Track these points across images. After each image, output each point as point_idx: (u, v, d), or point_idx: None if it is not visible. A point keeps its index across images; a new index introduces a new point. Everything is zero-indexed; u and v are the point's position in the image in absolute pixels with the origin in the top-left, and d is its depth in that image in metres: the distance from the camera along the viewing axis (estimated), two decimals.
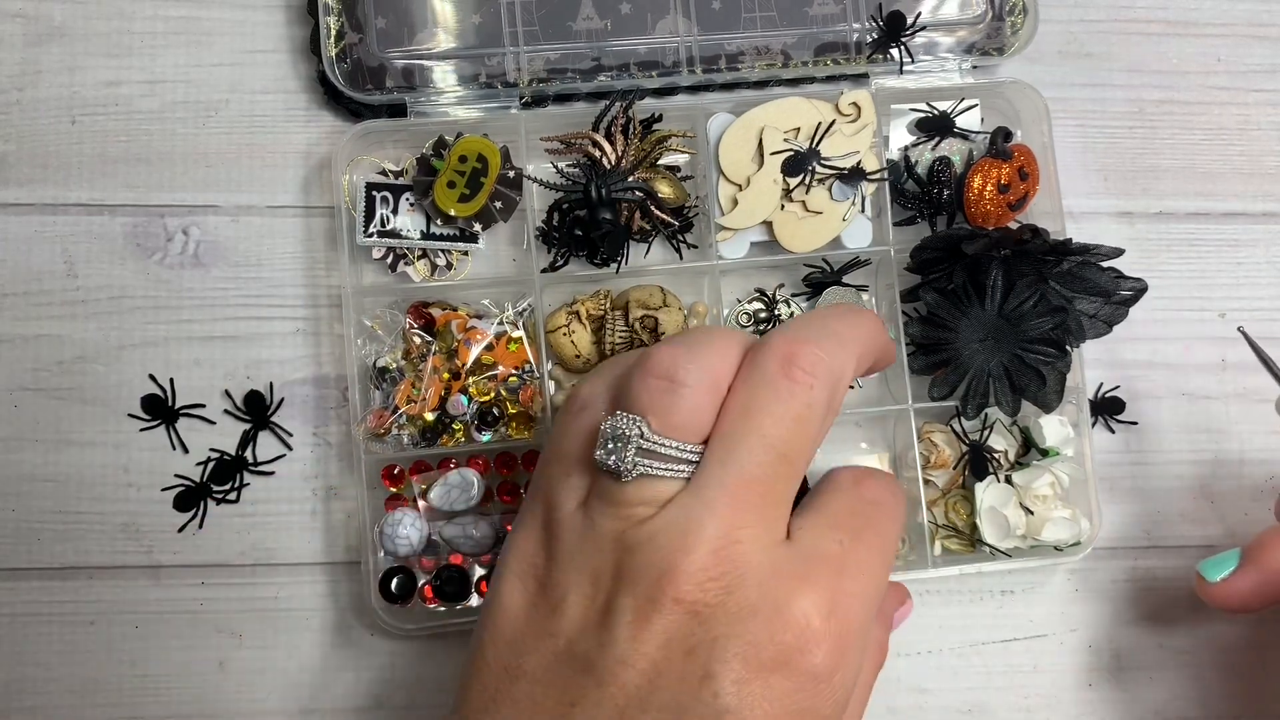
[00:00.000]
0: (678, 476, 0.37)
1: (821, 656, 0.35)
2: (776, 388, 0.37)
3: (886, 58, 0.55)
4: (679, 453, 0.37)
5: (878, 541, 0.38)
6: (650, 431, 0.36)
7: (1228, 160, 0.58)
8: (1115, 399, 0.56)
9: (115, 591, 0.53)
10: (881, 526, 0.39)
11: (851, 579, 0.36)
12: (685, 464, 0.37)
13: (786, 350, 0.38)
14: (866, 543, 0.38)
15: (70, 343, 0.54)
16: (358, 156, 0.54)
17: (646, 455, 0.36)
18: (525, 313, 0.53)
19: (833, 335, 0.39)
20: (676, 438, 0.37)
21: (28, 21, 0.56)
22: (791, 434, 0.37)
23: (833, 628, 0.35)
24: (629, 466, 0.36)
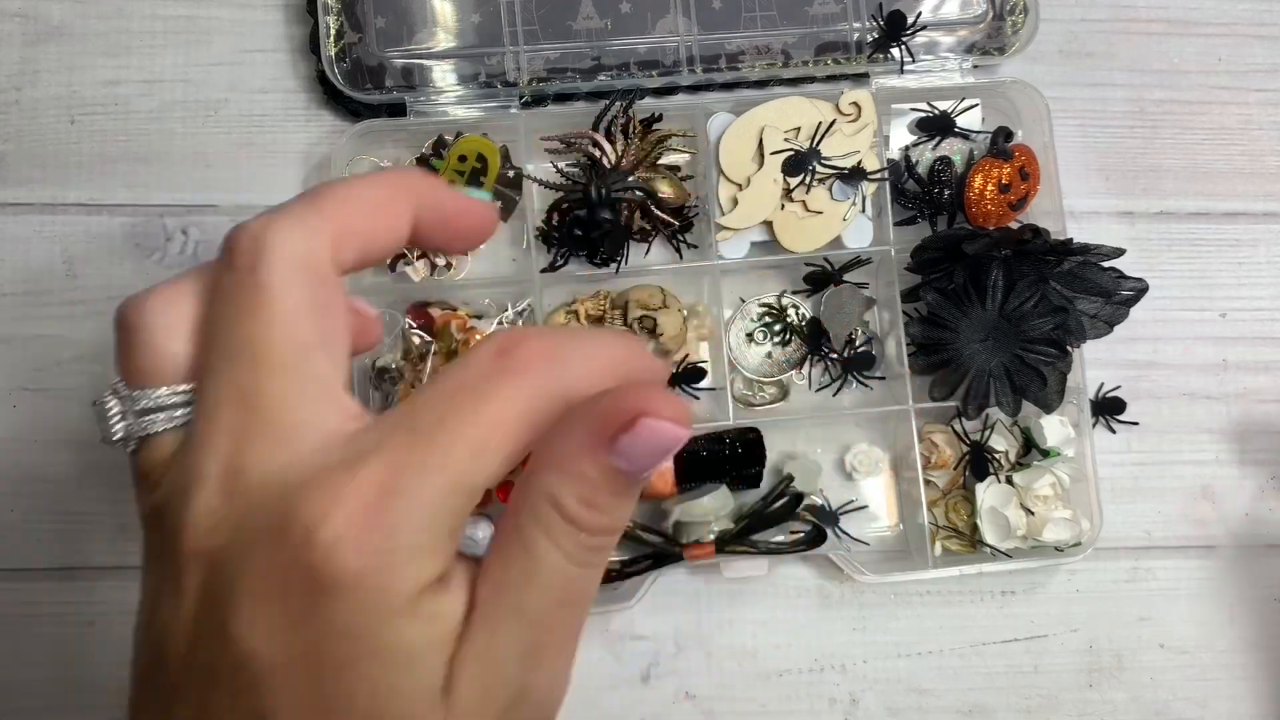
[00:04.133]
0: (175, 422, 0.31)
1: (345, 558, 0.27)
2: (225, 289, 0.31)
3: (887, 57, 0.55)
4: (160, 400, 0.31)
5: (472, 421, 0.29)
6: (124, 388, 0.31)
7: (1229, 160, 0.58)
8: (1116, 399, 0.56)
9: (115, 591, 0.53)
10: (493, 407, 0.29)
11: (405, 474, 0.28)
12: (174, 408, 0.31)
13: (229, 238, 0.31)
14: (454, 424, 0.29)
15: (70, 343, 0.54)
16: (357, 156, 0.54)
17: (134, 415, 0.31)
18: (525, 313, 0.53)
19: (298, 201, 0.32)
20: (154, 384, 0.31)
21: (27, 21, 0.56)
22: (258, 330, 0.30)
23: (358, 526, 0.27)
24: (118, 435, 0.31)
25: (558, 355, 0.30)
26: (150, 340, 0.31)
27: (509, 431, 0.29)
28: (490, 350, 0.30)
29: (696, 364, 0.54)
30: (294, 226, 0.31)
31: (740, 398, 0.55)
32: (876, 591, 0.54)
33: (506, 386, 0.29)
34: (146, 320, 0.31)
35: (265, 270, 0.30)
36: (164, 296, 0.31)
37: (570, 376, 0.30)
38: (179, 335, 0.31)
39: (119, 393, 0.32)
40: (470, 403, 0.29)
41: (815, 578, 0.54)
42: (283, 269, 0.30)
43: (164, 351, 0.31)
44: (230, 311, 0.30)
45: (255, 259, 0.30)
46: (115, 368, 0.32)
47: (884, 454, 0.55)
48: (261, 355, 0.30)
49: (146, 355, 0.31)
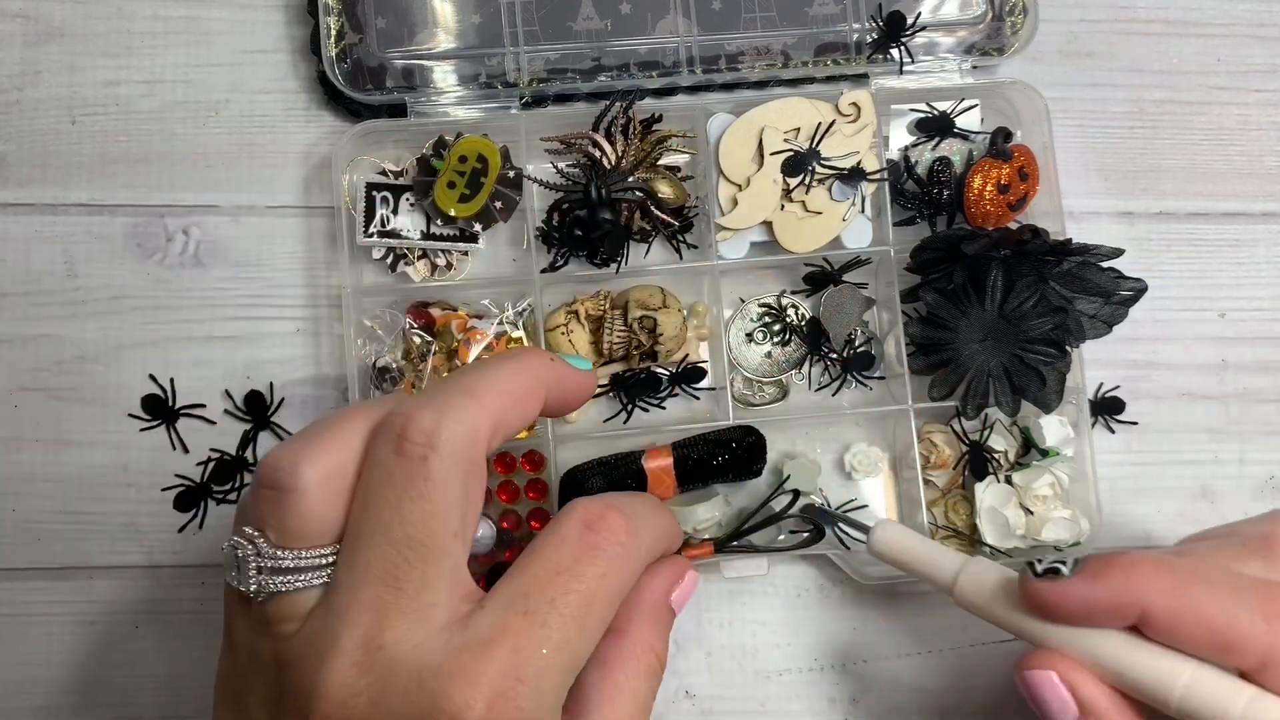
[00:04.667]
0: (313, 585, 0.34)
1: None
2: (390, 471, 0.33)
3: (886, 58, 0.55)
4: (303, 562, 0.34)
5: (578, 605, 0.34)
6: (268, 546, 0.34)
7: (1228, 160, 0.58)
8: (1115, 399, 0.56)
9: (115, 591, 0.53)
10: (593, 585, 0.34)
11: (527, 658, 0.32)
12: (316, 570, 0.34)
13: (399, 425, 0.34)
14: (563, 610, 0.33)
15: (70, 343, 0.54)
16: (358, 156, 0.54)
17: (269, 573, 0.34)
18: (525, 313, 0.53)
19: (460, 393, 0.35)
20: (298, 546, 0.34)
21: (28, 21, 0.56)
22: (417, 517, 0.33)
23: (498, 713, 0.31)
24: (253, 587, 0.34)
25: (635, 528, 0.36)
26: (303, 506, 0.34)
27: (608, 603, 0.35)
28: (576, 526, 0.35)
29: (696, 364, 0.54)
30: (462, 422, 0.34)
31: (740, 398, 0.55)
32: (876, 591, 0.54)
33: (599, 563, 0.35)
34: (302, 484, 0.34)
35: (436, 464, 0.33)
36: (320, 464, 0.34)
37: (644, 546, 0.36)
38: (331, 502, 0.34)
39: (257, 547, 0.34)
40: (571, 582, 0.34)
41: (815, 578, 0.54)
42: (450, 464, 0.34)
43: (316, 518, 0.34)
44: (392, 495, 0.33)
45: (428, 451, 0.33)
46: (248, 514, 0.35)
47: (883, 453, 0.55)
48: (415, 540, 0.33)
49: (297, 519, 0.34)
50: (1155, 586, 0.37)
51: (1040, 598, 0.38)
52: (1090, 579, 0.38)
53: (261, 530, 0.34)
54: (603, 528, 0.35)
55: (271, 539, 0.34)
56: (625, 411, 0.53)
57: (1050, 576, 0.38)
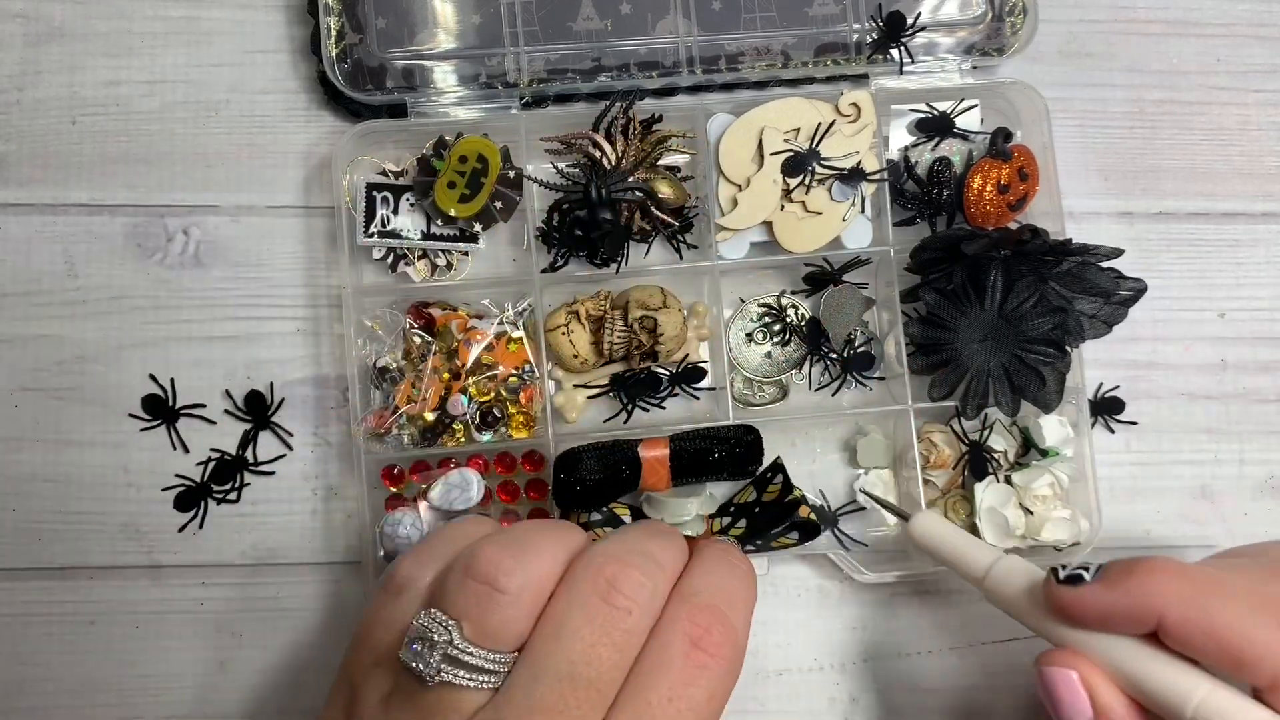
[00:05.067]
0: (484, 687, 0.36)
1: None
2: (592, 613, 0.36)
3: (886, 58, 0.55)
4: (487, 663, 0.36)
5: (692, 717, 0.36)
6: (460, 638, 0.35)
7: (1228, 160, 0.58)
8: (1115, 399, 0.56)
9: (115, 591, 0.53)
10: (700, 705, 0.36)
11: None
12: (493, 674, 0.36)
13: (610, 571, 0.37)
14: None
15: (70, 343, 0.54)
16: (358, 156, 0.54)
17: (453, 663, 0.35)
18: (525, 313, 0.53)
19: (652, 559, 0.38)
20: (488, 646, 0.36)
21: (28, 21, 0.56)
22: (602, 661, 0.35)
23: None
24: (433, 672, 0.35)
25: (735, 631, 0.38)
26: (509, 611, 0.36)
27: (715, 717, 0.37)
28: (683, 645, 0.37)
29: (696, 364, 0.54)
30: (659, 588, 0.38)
31: (740, 397, 0.55)
32: (876, 591, 0.54)
33: (706, 681, 0.36)
34: (515, 589, 0.36)
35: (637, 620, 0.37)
36: (534, 574, 0.36)
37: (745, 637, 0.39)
38: (530, 613, 0.36)
39: (451, 635, 0.35)
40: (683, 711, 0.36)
41: (815, 577, 0.54)
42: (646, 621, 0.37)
43: (515, 624, 0.36)
44: (590, 637, 0.36)
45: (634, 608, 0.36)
46: (448, 601, 0.37)
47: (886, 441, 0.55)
48: (594, 685, 0.35)
49: (499, 622, 0.36)
50: (1174, 594, 0.37)
51: (1062, 602, 0.39)
52: (1110, 585, 0.38)
53: (459, 620, 0.36)
54: (708, 644, 0.37)
55: (466, 632, 0.36)
56: (625, 411, 0.53)
57: (1073, 583, 0.39)
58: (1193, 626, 0.36)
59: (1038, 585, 0.41)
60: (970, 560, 0.43)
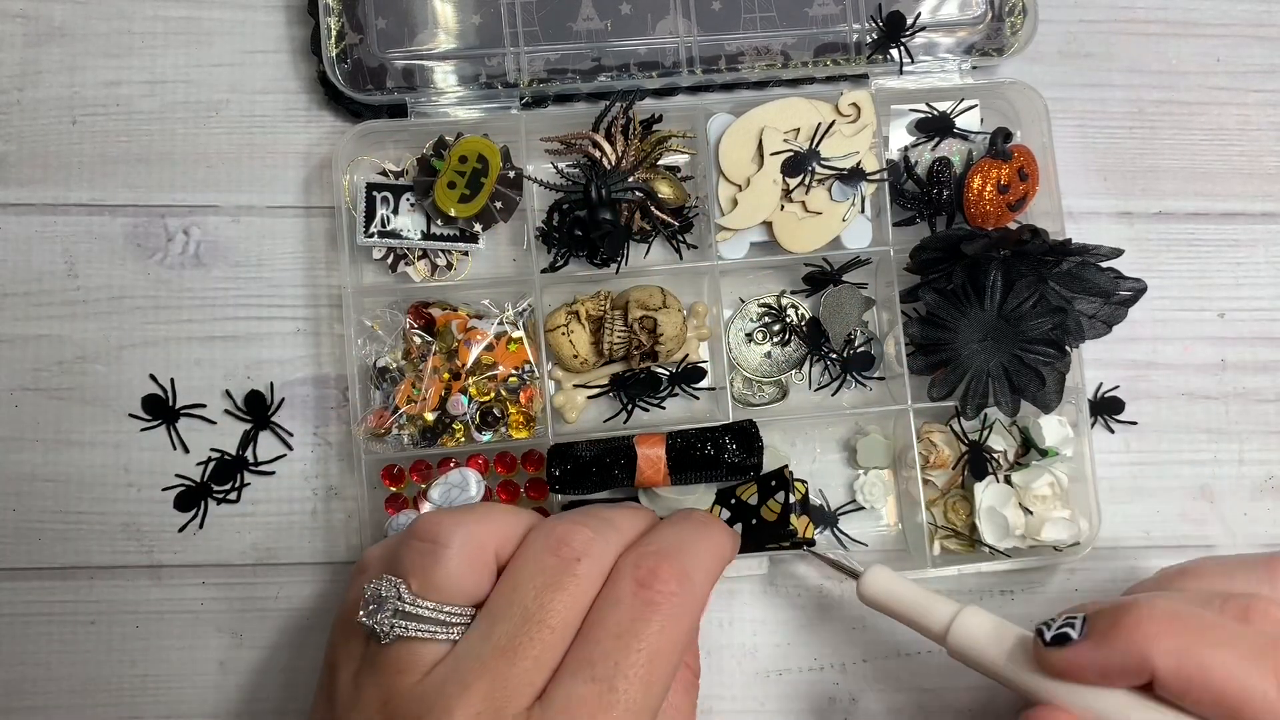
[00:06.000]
0: (440, 638, 0.37)
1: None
2: (543, 565, 0.38)
3: (886, 58, 0.55)
4: (438, 614, 0.37)
5: (644, 665, 0.36)
6: (408, 593, 0.37)
7: (1227, 160, 0.59)
8: (1115, 399, 0.56)
9: (115, 591, 0.53)
10: (653, 642, 0.37)
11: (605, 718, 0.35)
12: (447, 626, 0.37)
13: (561, 531, 0.39)
14: (628, 672, 0.36)
15: (70, 343, 0.54)
16: (358, 156, 0.54)
17: (405, 617, 0.37)
18: (525, 313, 0.53)
19: (608, 522, 0.40)
20: (437, 599, 0.37)
21: (28, 22, 0.56)
22: (554, 604, 0.37)
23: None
24: (386, 628, 0.37)
25: (686, 572, 0.38)
26: (450, 563, 0.37)
27: (672, 656, 0.37)
28: (629, 586, 0.37)
29: (696, 364, 0.54)
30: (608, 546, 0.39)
31: (740, 397, 0.55)
32: None
33: (656, 620, 0.37)
34: (454, 543, 0.38)
35: (585, 567, 0.38)
36: (471, 533, 0.38)
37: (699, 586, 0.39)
38: (472, 568, 0.38)
39: (399, 591, 0.37)
40: (631, 643, 0.36)
41: (815, 578, 0.54)
42: (595, 570, 0.38)
43: (458, 576, 0.38)
44: (541, 583, 0.37)
45: (582, 555, 0.38)
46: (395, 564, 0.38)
47: (887, 440, 0.55)
48: (545, 625, 0.36)
49: (442, 574, 0.37)
50: (1165, 646, 0.36)
51: (1053, 666, 0.38)
52: (1098, 642, 0.37)
53: (405, 578, 0.38)
54: (655, 582, 0.38)
55: (413, 587, 0.37)
56: (625, 411, 0.53)
57: (1060, 643, 0.38)
58: (1188, 680, 0.36)
59: (1004, 634, 0.40)
60: (930, 616, 0.42)
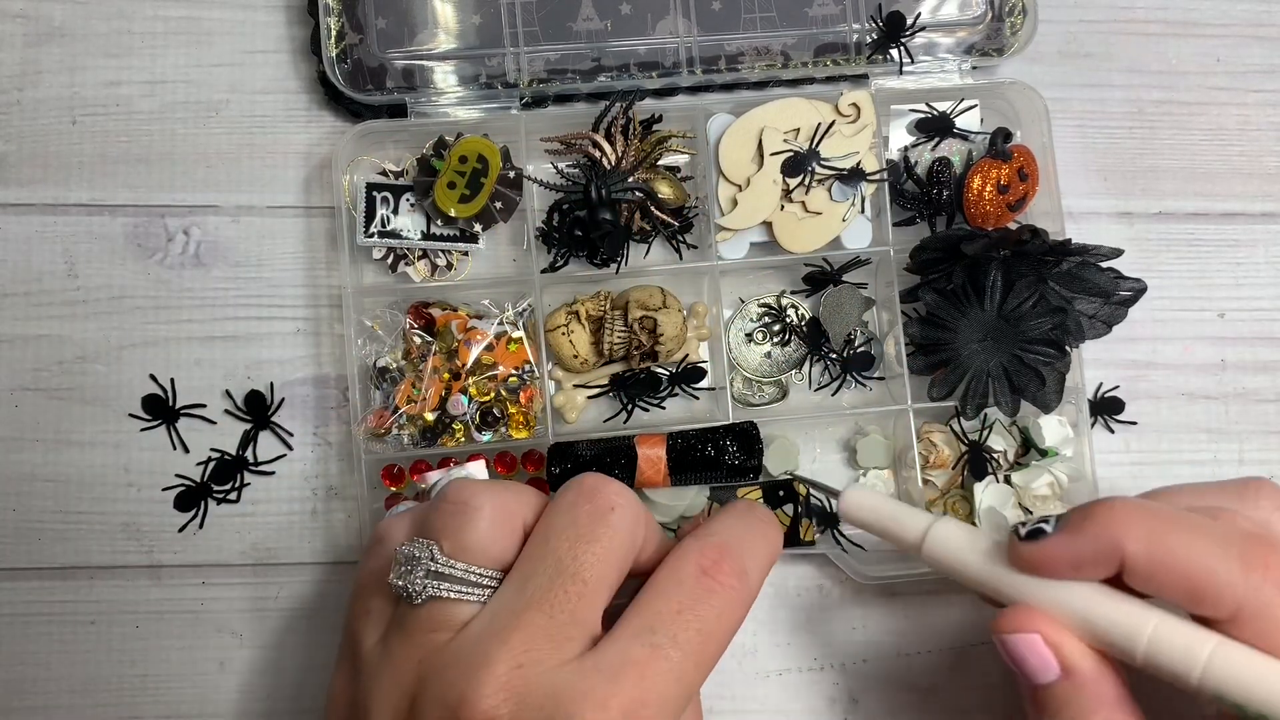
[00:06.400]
0: (471, 599, 0.37)
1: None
2: (577, 518, 0.38)
3: (886, 58, 0.55)
4: (470, 575, 0.37)
5: (698, 643, 0.37)
6: (440, 554, 0.38)
7: (1227, 160, 0.59)
8: (1115, 399, 0.56)
9: (115, 591, 0.53)
10: (709, 625, 0.37)
11: (656, 687, 0.36)
12: (478, 587, 0.38)
13: (592, 481, 0.39)
14: (683, 644, 0.37)
15: (70, 343, 0.54)
16: (358, 157, 0.54)
17: (437, 577, 0.37)
18: (525, 313, 0.53)
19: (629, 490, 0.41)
20: (468, 560, 0.38)
21: (28, 22, 0.56)
22: (587, 556, 0.37)
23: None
24: (419, 588, 0.37)
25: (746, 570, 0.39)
26: (481, 524, 0.38)
27: (722, 641, 0.38)
28: (693, 570, 0.38)
29: (696, 364, 0.54)
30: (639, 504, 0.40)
31: (740, 397, 0.55)
32: (876, 591, 0.54)
33: (715, 604, 0.38)
34: (484, 506, 0.38)
35: (619, 517, 0.39)
36: (499, 499, 0.39)
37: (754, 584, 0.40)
38: (501, 532, 0.38)
39: (431, 552, 0.38)
40: (691, 621, 0.37)
41: (815, 577, 0.54)
42: (629, 523, 0.39)
43: (489, 538, 0.38)
44: (574, 534, 0.38)
45: (616, 506, 0.39)
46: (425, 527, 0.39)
47: (886, 441, 0.55)
48: (580, 578, 0.37)
49: (473, 535, 0.38)
50: (1134, 533, 0.37)
51: (1027, 558, 0.39)
52: (1072, 533, 0.38)
53: (437, 540, 0.38)
54: (718, 573, 0.38)
55: (445, 549, 0.38)
56: (625, 411, 0.53)
57: (1035, 537, 0.38)
58: (1156, 562, 0.36)
59: (977, 542, 0.41)
60: (904, 528, 0.43)
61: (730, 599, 0.38)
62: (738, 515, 0.43)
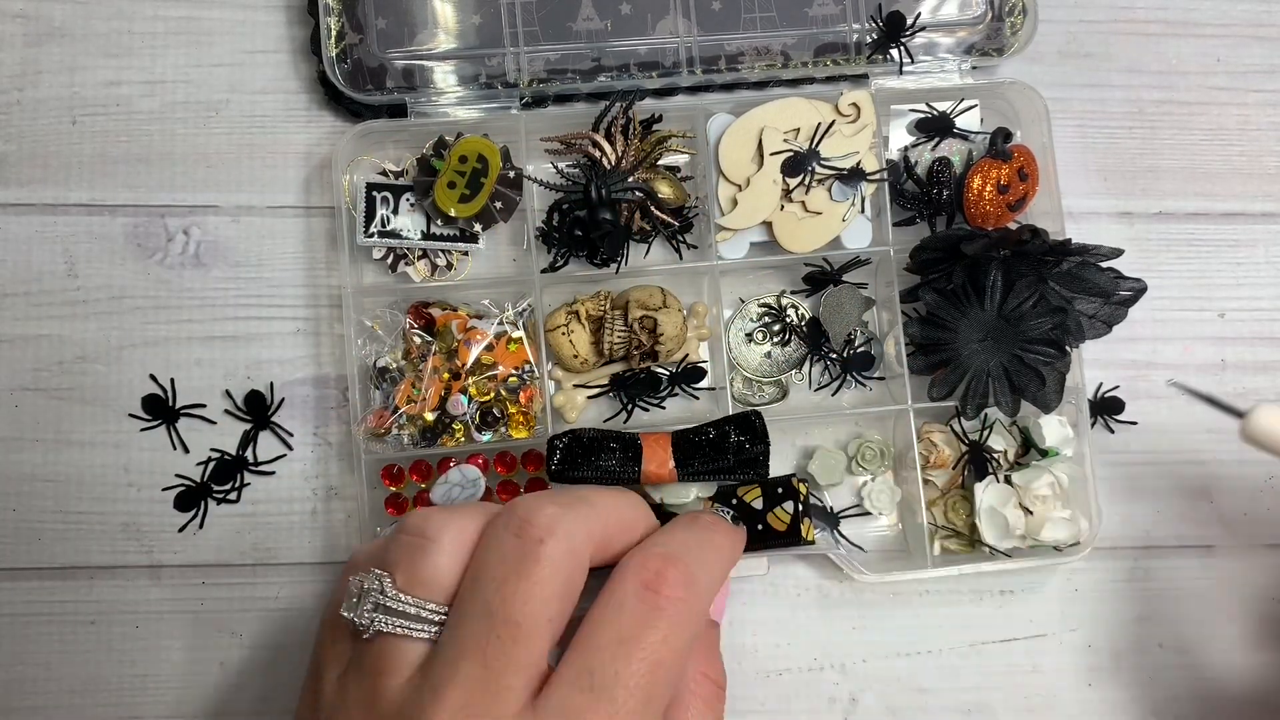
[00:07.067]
0: (418, 636, 0.35)
1: None
2: (505, 552, 0.35)
3: (886, 58, 0.55)
4: (419, 610, 0.35)
5: (645, 675, 0.34)
6: (391, 587, 0.36)
7: (1227, 160, 0.59)
8: (1115, 399, 0.56)
9: (115, 591, 0.53)
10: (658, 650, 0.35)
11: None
12: (428, 624, 0.35)
13: (521, 514, 0.36)
14: (628, 680, 0.34)
15: (70, 343, 0.54)
16: (358, 156, 0.54)
17: (385, 611, 0.35)
18: (525, 313, 0.53)
19: (580, 500, 0.38)
20: (421, 595, 0.36)
21: (28, 22, 0.56)
22: (518, 596, 0.34)
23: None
24: (366, 622, 0.35)
25: (693, 577, 0.36)
26: (437, 557, 0.36)
27: (674, 666, 0.35)
28: (633, 587, 0.36)
29: (696, 364, 0.54)
30: (579, 523, 0.36)
31: (740, 397, 0.55)
32: (876, 591, 0.54)
33: (661, 627, 0.35)
34: (443, 539, 0.36)
35: (550, 548, 0.35)
36: (459, 529, 0.37)
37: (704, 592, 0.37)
38: (456, 564, 0.36)
39: (382, 585, 0.36)
40: (634, 652, 0.34)
41: (815, 577, 0.54)
42: (562, 552, 0.35)
43: (443, 572, 0.36)
44: (502, 572, 0.35)
45: (545, 536, 0.35)
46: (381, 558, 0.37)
47: (888, 446, 0.55)
48: (512, 620, 0.34)
49: (429, 568, 0.36)
50: None
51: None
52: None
53: (391, 573, 0.36)
54: (661, 585, 0.36)
55: (398, 581, 0.36)
56: (625, 411, 0.53)
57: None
58: None
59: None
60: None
61: (678, 614, 0.35)
62: (684, 525, 0.40)
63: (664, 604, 0.35)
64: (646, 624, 0.35)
